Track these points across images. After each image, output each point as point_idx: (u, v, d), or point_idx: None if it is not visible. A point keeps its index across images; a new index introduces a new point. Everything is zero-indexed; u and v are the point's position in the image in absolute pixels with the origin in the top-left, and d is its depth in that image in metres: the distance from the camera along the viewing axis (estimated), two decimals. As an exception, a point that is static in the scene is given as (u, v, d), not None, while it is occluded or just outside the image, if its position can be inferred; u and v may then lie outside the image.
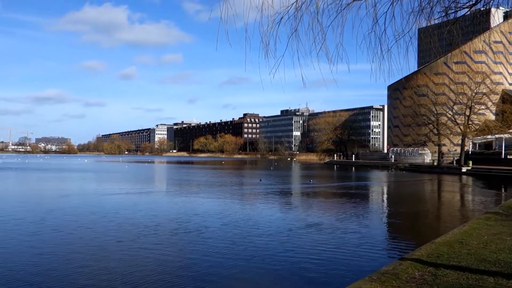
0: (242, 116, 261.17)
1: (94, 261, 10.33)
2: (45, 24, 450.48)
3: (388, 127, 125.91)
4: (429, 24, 6.56)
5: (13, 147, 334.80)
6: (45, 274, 9.24)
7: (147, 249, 11.55)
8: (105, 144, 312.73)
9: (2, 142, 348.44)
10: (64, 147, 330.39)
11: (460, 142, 66.39)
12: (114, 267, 9.83)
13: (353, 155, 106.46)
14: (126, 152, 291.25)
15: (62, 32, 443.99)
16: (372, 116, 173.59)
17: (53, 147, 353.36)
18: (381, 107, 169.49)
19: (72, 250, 11.40)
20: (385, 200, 28.20)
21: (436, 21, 6.77)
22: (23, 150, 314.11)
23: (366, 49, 6.72)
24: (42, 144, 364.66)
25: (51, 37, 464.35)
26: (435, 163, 68.42)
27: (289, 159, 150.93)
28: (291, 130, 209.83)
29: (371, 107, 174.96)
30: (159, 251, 11.32)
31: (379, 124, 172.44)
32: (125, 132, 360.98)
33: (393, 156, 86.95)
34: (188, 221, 15.93)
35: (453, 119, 66.21)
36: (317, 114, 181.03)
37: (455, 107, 66.89)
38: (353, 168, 78.61)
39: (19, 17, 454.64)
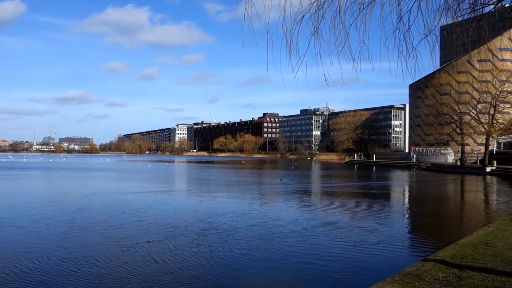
0: (261, 115, 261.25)
1: (124, 262, 10.25)
2: (69, 26, 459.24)
3: (410, 127, 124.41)
4: (455, 21, 6.42)
5: (37, 146, 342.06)
6: (78, 275, 9.15)
7: (179, 249, 11.52)
8: (127, 144, 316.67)
9: (27, 141, 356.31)
10: (86, 146, 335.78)
11: (484, 141, 65.12)
12: (145, 268, 9.75)
13: (374, 155, 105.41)
14: (147, 152, 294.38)
15: (86, 33, 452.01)
16: (393, 115, 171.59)
17: (76, 147, 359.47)
18: (403, 106, 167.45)
19: (103, 250, 11.38)
20: (407, 200, 27.86)
21: (461, 18, 6.62)
22: (47, 149, 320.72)
23: (388, 47, 6.59)
24: (65, 144, 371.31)
25: (75, 38, 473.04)
26: (458, 163, 67.28)
27: (308, 158, 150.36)
28: (311, 130, 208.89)
29: (392, 106, 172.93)
30: (191, 252, 11.25)
31: (400, 124, 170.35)
32: (146, 132, 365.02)
33: (415, 156, 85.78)
34: (217, 221, 15.90)
35: (476, 118, 64.99)
36: (337, 113, 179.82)
37: (479, 106, 65.63)
38: (374, 168, 77.84)
39: (45, 20, 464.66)
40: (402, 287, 6.86)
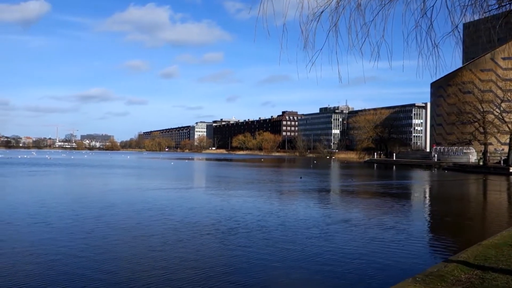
0: (280, 114, 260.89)
1: (154, 260, 10.20)
2: (91, 25, 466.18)
3: (431, 125, 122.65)
4: (480, 18, 6.26)
5: (59, 143, 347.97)
6: (106, 275, 9.07)
7: (209, 248, 11.50)
8: (146, 141, 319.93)
9: (49, 138, 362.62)
10: (107, 144, 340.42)
11: (508, 141, 63.79)
12: (174, 268, 9.66)
13: (394, 154, 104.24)
14: (167, 149, 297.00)
15: (108, 32, 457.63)
16: (414, 114, 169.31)
17: (97, 144, 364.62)
18: (424, 105, 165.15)
19: (133, 248, 11.36)
20: (428, 200, 27.55)
21: (485, 15, 6.46)
22: (69, 146, 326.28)
23: (409, 44, 6.45)
24: (87, 141, 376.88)
25: (97, 37, 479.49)
26: (481, 163, 66.08)
27: (327, 157, 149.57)
28: (330, 128, 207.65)
29: (413, 105, 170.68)
30: (220, 252, 11.20)
31: (421, 122, 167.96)
32: (166, 129, 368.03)
33: (436, 155, 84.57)
34: (244, 220, 15.88)
35: (500, 117, 63.66)
36: (357, 112, 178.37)
37: (503, 105, 64.29)
38: (394, 167, 77.05)
39: (68, 19, 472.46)
40: (424, 288, 6.79)
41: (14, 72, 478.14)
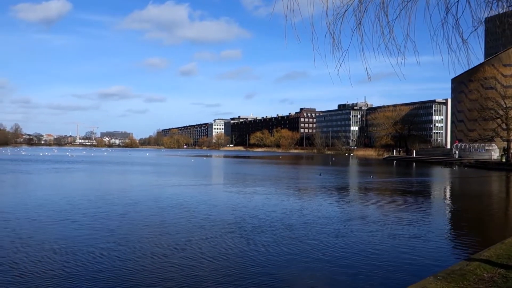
0: (298, 110, 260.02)
1: (182, 259, 10.15)
2: (111, 23, 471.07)
3: (452, 122, 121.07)
4: (505, 11, 6.17)
5: (80, 141, 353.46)
6: (135, 274, 9.06)
7: (237, 247, 11.43)
8: (165, 139, 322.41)
9: (70, 136, 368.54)
10: (127, 141, 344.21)
11: (531, 137, 62.58)
12: (201, 267, 9.58)
13: (414, 151, 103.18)
14: (185, 146, 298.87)
15: (127, 30, 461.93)
16: (435, 110, 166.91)
17: (117, 141, 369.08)
18: (444, 101, 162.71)
19: (159, 247, 11.30)
20: (449, 197, 27.35)
21: (510, 8, 6.37)
22: (89, 144, 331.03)
23: (432, 40, 6.30)
24: (107, 138, 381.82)
25: (117, 35, 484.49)
26: (503, 160, 64.99)
27: (346, 154, 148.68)
28: (349, 125, 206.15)
29: (433, 101, 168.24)
30: (246, 250, 11.10)
31: (442, 119, 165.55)
32: (184, 126, 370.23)
33: (457, 152, 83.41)
34: (268, 218, 15.83)
35: (524, 113, 62.46)
36: (375, 108, 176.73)
37: (526, 101, 63.04)
38: (414, 164, 76.27)
39: (88, 17, 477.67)
40: (445, 286, 6.77)
41: (36, 71, 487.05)
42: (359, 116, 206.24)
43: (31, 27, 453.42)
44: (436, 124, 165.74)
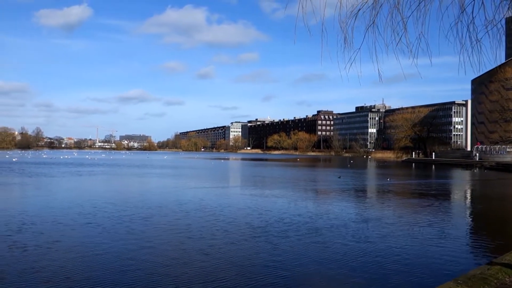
0: (316, 113, 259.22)
1: (208, 265, 10.03)
2: (131, 28, 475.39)
3: (472, 124, 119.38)
4: None
5: (99, 144, 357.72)
6: (162, 277, 9.13)
7: (263, 252, 11.26)
8: (183, 141, 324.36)
9: (90, 139, 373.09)
10: (145, 144, 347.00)
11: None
12: (225, 272, 9.51)
13: (433, 153, 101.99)
14: (202, 149, 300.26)
15: (146, 34, 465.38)
16: (454, 112, 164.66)
17: (135, 144, 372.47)
18: (464, 102, 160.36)
19: (184, 252, 11.25)
20: (469, 200, 27.10)
21: None
22: (108, 147, 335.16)
23: (448, 40, 6.20)
24: (125, 141, 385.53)
25: (136, 39, 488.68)
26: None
27: (364, 156, 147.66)
28: (367, 127, 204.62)
29: (453, 103, 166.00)
30: (273, 256, 10.89)
31: (462, 121, 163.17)
32: (202, 129, 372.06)
33: (477, 154, 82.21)
34: (295, 222, 15.71)
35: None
36: (394, 110, 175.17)
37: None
38: (433, 166, 75.46)
39: (108, 22, 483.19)
40: (466, 291, 6.66)
41: (57, 75, 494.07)
42: (377, 118, 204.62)
43: (53, 33, 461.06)
44: (456, 126, 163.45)
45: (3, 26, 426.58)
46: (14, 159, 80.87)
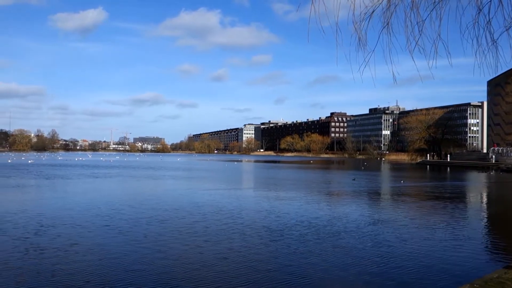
0: (329, 115, 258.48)
1: (227, 269, 9.93)
2: (145, 31, 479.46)
3: (488, 125, 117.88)
4: None
5: (113, 146, 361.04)
6: (178, 281, 9.11)
7: (282, 257, 11.06)
8: (196, 144, 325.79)
9: (104, 141, 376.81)
10: (158, 146, 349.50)
11: None
12: (242, 278, 9.35)
13: (448, 155, 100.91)
14: (216, 151, 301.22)
15: (160, 37, 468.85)
16: (470, 113, 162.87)
17: (149, 146, 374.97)
18: (480, 104, 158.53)
19: (201, 254, 11.26)
20: (485, 203, 26.79)
21: None
22: (122, 149, 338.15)
23: (466, 41, 6.12)
24: (139, 144, 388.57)
25: (150, 42, 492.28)
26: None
27: (378, 158, 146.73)
28: (380, 129, 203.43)
29: (468, 104, 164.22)
30: (290, 261, 10.73)
31: (477, 122, 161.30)
32: (215, 131, 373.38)
33: (494, 156, 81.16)
34: (314, 225, 15.62)
35: None
36: (408, 112, 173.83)
37: None
38: (448, 169, 74.70)
39: (123, 25, 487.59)
40: (482, 295, 6.60)
41: (73, 78, 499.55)
42: (391, 120, 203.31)
43: (69, 36, 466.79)
44: (472, 128, 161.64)
45: (21, 30, 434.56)
46: (29, 161, 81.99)
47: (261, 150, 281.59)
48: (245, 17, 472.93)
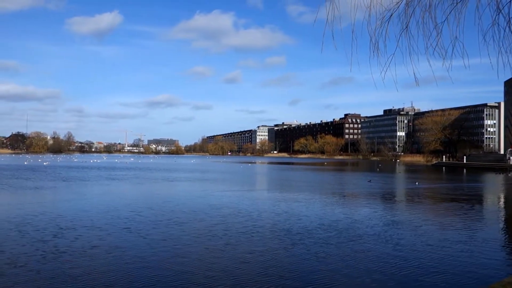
0: (343, 116, 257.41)
1: (249, 274, 9.80)
2: (159, 34, 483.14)
3: (506, 126, 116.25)
4: None
5: (128, 148, 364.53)
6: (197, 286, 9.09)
7: (303, 263, 10.84)
8: (210, 145, 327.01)
9: (119, 143, 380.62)
10: (172, 148, 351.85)
11: None
12: (272, 283, 9.24)
13: (464, 157, 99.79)
14: (229, 153, 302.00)
15: (175, 40, 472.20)
16: (486, 114, 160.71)
17: (163, 148, 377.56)
18: (497, 105, 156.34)
19: (223, 258, 11.18)
20: (502, 205, 26.35)
21: None
22: (137, 151, 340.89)
23: (484, 41, 5.96)
24: (153, 145, 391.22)
25: (165, 45, 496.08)
26: None
27: (392, 160, 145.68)
28: (395, 130, 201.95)
29: (485, 105, 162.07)
30: (318, 265, 10.61)
31: (494, 123, 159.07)
32: (228, 133, 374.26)
33: (511, 158, 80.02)
34: (334, 229, 15.48)
35: None
36: (423, 113, 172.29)
37: None
38: (464, 170, 73.85)
39: (138, 28, 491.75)
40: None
41: (88, 81, 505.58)
42: (405, 121, 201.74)
43: (84, 39, 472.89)
44: (488, 129, 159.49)
45: (38, 34, 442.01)
46: (45, 163, 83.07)
47: (275, 152, 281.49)
48: (259, 19, 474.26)
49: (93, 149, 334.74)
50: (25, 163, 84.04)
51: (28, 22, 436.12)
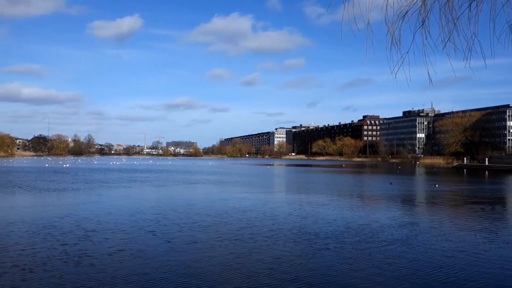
0: (361, 118, 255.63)
1: (277, 278, 9.68)
2: (179, 37, 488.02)
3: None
4: None
5: (147, 150, 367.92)
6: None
7: (335, 270, 10.53)
8: (228, 147, 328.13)
9: (138, 146, 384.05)
10: (191, 150, 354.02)
11: None
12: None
13: (486, 159, 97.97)
14: (247, 155, 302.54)
15: (193, 43, 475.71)
16: (509, 115, 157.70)
17: (181, 151, 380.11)
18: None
19: (250, 263, 11.04)
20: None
21: None
22: (155, 153, 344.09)
23: (508, 40, 5.83)
24: (172, 148, 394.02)
25: (184, 48, 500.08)
26: None
27: (412, 162, 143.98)
28: (415, 132, 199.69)
29: (507, 106, 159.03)
30: (349, 272, 10.33)
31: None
32: (246, 135, 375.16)
33: (536, 160, 78.30)
34: (364, 232, 15.27)
35: None
36: (443, 114, 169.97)
37: None
38: (486, 173, 72.49)
39: (157, 32, 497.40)
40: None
41: (108, 84, 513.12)
42: (425, 123, 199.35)
43: (105, 43, 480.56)
44: (511, 130, 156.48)
45: (60, 38, 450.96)
46: (65, 165, 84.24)
47: (293, 154, 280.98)
48: (277, 21, 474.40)
49: (112, 152, 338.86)
50: (46, 165, 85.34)
51: (50, 27, 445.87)
